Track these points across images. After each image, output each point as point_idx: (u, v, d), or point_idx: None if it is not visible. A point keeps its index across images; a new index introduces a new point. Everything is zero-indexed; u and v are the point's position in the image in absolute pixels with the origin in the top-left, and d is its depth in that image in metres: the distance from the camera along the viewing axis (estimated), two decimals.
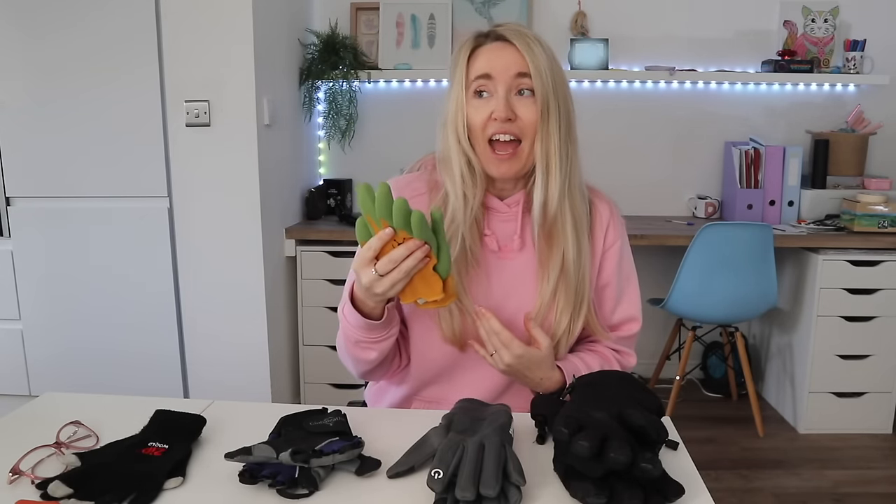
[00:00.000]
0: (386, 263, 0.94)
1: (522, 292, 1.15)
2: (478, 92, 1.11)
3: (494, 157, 1.11)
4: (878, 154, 3.11)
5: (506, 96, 1.09)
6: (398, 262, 0.93)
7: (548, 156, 1.11)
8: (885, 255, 2.64)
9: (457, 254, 1.11)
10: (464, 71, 1.12)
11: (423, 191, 1.19)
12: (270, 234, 2.54)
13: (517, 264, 1.16)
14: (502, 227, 1.17)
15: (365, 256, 0.95)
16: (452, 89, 1.14)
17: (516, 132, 1.10)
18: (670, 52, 3.08)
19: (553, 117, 1.11)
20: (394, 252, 0.93)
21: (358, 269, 0.98)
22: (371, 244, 0.95)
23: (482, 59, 1.11)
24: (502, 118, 1.08)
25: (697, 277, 2.58)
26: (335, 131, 3.05)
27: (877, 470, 2.49)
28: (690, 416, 2.91)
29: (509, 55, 1.10)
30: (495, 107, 1.09)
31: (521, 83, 1.10)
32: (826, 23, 3.05)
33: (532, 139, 1.11)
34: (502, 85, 1.09)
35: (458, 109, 1.12)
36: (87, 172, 2.41)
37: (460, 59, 1.13)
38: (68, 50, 2.34)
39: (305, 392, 2.86)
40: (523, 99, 1.10)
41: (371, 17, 3.07)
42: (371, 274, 0.95)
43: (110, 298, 2.47)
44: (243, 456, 0.86)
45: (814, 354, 2.69)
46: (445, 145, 1.15)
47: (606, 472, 0.79)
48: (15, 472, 0.88)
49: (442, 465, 0.82)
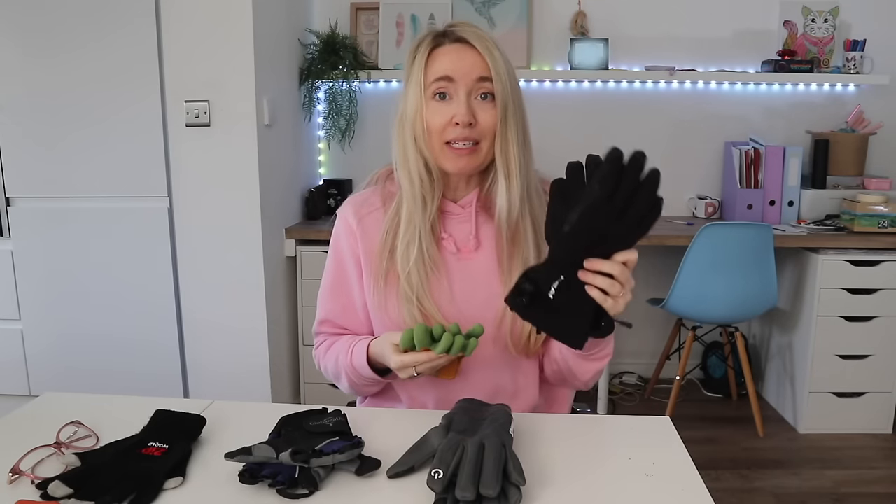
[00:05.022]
0: (428, 369, 1.04)
1: (485, 291, 1.15)
2: (438, 94, 1.10)
3: (452, 152, 1.11)
4: (878, 154, 3.11)
5: (467, 100, 1.08)
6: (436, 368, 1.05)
7: (508, 162, 1.11)
8: (885, 255, 2.63)
9: (415, 258, 1.13)
10: (422, 71, 1.10)
11: (377, 206, 1.21)
12: (270, 234, 2.54)
13: (476, 264, 1.17)
14: (458, 228, 1.18)
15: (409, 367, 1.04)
16: (409, 89, 1.12)
17: (476, 136, 1.10)
18: (670, 52, 3.08)
19: (511, 122, 1.11)
20: (437, 362, 1.03)
21: (398, 370, 1.06)
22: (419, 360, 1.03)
23: (443, 61, 1.10)
24: (464, 123, 1.08)
25: (697, 277, 2.58)
26: (335, 131, 3.05)
27: (877, 470, 2.49)
28: (690, 416, 2.91)
29: (470, 58, 1.09)
30: (456, 111, 1.08)
31: (481, 87, 1.09)
32: (826, 23, 3.05)
33: (491, 140, 1.11)
34: (463, 88, 1.09)
35: (417, 111, 1.11)
36: (87, 172, 2.41)
37: (417, 58, 1.12)
38: (68, 50, 2.33)
39: (305, 392, 2.86)
40: (483, 103, 1.10)
41: (371, 17, 3.07)
42: (412, 374, 1.05)
43: (110, 298, 2.47)
44: (243, 456, 0.86)
45: (814, 354, 2.69)
46: (402, 147, 1.14)
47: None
48: (15, 472, 0.88)
49: (442, 465, 0.82)
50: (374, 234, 1.19)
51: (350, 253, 1.21)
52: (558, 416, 1.14)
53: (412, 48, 1.14)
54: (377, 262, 1.17)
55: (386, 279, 1.15)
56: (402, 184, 1.15)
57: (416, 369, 1.04)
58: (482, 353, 1.16)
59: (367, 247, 1.19)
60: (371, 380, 1.16)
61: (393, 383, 1.23)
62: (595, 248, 0.92)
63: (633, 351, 3.29)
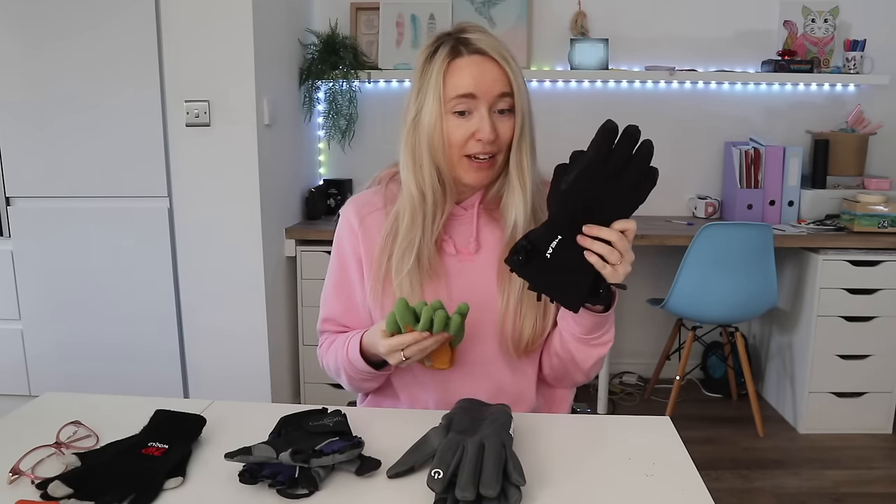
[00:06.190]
0: (416, 352, 1.02)
1: (484, 293, 1.15)
2: (459, 112, 1.09)
3: (473, 165, 1.11)
4: (878, 154, 3.11)
5: (489, 116, 1.08)
6: (425, 351, 1.03)
7: (522, 173, 1.12)
8: (885, 255, 2.63)
9: (409, 267, 1.13)
10: (441, 84, 1.08)
11: (379, 206, 1.20)
12: (270, 234, 2.54)
13: (476, 266, 1.17)
14: (459, 229, 1.18)
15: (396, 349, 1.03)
16: (427, 99, 1.10)
17: (495, 150, 1.10)
18: (670, 52, 3.08)
19: (527, 134, 1.11)
20: (423, 343, 1.01)
21: (387, 355, 1.05)
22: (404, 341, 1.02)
23: (464, 76, 1.08)
24: (488, 140, 1.08)
25: (697, 277, 2.58)
26: (335, 131, 3.05)
27: (877, 470, 2.49)
28: (690, 416, 2.91)
29: (491, 73, 1.08)
30: (478, 126, 1.08)
31: (502, 102, 1.09)
32: (826, 23, 3.05)
33: (507, 151, 1.12)
34: (485, 104, 1.08)
35: (436, 124, 1.09)
36: (87, 172, 2.41)
37: (435, 68, 1.09)
38: (69, 50, 2.33)
39: (305, 392, 2.86)
40: (502, 117, 1.10)
41: (371, 17, 3.07)
42: (400, 357, 1.03)
43: (110, 298, 2.47)
44: (243, 456, 0.86)
45: (814, 354, 2.69)
46: (413, 154, 1.13)
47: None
48: (15, 472, 0.88)
49: (442, 465, 0.82)
50: (374, 235, 1.19)
51: (352, 252, 1.21)
52: (558, 416, 1.14)
53: (427, 52, 1.11)
54: (376, 265, 1.17)
55: (383, 282, 1.15)
56: (411, 191, 1.13)
57: (404, 353, 1.02)
58: (481, 354, 1.16)
59: (367, 247, 1.19)
60: (367, 373, 1.15)
61: (393, 381, 1.23)
62: (593, 212, 0.95)
63: (633, 351, 3.29)
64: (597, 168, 0.92)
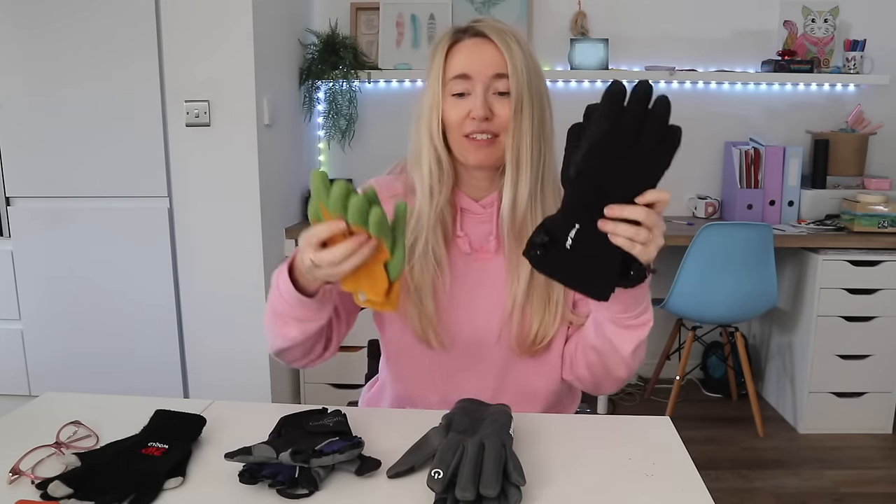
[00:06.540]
0: (328, 256, 0.87)
1: (493, 294, 1.14)
2: (456, 93, 1.10)
3: (472, 144, 1.10)
4: (878, 154, 3.11)
5: (483, 95, 1.08)
6: (343, 257, 0.86)
7: (518, 154, 1.09)
8: (885, 255, 2.63)
9: (420, 253, 1.11)
10: (441, 67, 1.11)
11: (399, 191, 1.19)
12: (270, 234, 2.54)
13: (491, 266, 1.15)
14: (477, 228, 1.16)
15: (311, 241, 0.88)
16: (429, 85, 1.13)
17: (493, 130, 1.09)
18: (670, 52, 3.08)
19: (526, 115, 1.09)
20: (340, 246, 0.86)
21: (301, 250, 0.92)
22: (320, 232, 0.87)
23: (461, 58, 1.10)
24: (480, 117, 1.07)
25: (697, 277, 2.58)
26: (335, 131, 3.05)
27: (877, 470, 2.49)
28: (690, 416, 2.91)
29: (488, 53, 1.09)
30: (472, 105, 1.08)
31: (498, 83, 1.09)
32: (826, 23, 3.05)
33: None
34: (480, 85, 1.08)
35: (434, 106, 1.11)
36: (86, 172, 2.41)
37: (437, 54, 1.12)
38: (68, 50, 2.33)
39: (305, 392, 2.86)
40: (501, 98, 1.09)
41: (371, 17, 3.07)
42: (309, 261, 0.89)
43: (110, 298, 2.47)
44: (243, 456, 0.86)
45: (814, 354, 2.69)
46: (417, 142, 1.14)
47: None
48: (15, 472, 0.88)
49: (442, 465, 0.82)
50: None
51: None
52: (558, 416, 1.14)
53: (434, 44, 1.14)
54: None
55: None
56: (414, 178, 1.15)
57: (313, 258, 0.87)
58: (487, 352, 1.15)
59: None
60: (294, 298, 0.99)
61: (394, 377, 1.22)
62: (610, 193, 0.84)
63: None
64: (606, 141, 0.81)
